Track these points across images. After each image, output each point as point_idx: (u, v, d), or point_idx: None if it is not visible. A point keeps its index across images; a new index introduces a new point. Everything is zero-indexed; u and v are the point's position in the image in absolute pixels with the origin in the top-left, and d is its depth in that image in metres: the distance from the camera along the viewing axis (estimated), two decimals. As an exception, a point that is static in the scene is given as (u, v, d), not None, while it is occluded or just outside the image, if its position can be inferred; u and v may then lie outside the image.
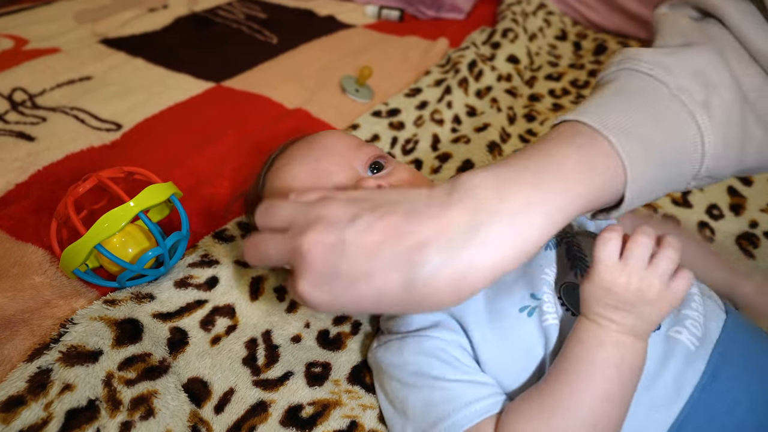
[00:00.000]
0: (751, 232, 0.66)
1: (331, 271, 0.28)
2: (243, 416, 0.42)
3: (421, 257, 0.27)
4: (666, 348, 0.36)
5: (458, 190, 0.29)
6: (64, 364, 0.40)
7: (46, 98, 0.80)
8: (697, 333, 0.37)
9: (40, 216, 0.55)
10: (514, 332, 0.38)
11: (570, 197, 0.29)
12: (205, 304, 0.50)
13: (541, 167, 0.30)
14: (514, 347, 0.38)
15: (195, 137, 0.73)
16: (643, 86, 0.34)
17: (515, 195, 0.29)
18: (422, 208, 0.29)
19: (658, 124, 0.32)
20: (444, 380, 0.38)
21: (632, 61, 0.35)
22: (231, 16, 1.15)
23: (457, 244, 0.27)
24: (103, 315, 0.45)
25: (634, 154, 0.31)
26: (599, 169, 0.31)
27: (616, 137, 0.31)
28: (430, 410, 0.37)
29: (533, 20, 1.16)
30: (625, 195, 0.32)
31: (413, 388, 0.39)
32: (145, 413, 0.39)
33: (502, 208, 0.28)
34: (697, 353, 0.36)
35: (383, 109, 0.81)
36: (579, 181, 0.30)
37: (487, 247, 0.28)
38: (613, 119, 0.32)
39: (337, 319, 0.51)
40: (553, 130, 0.34)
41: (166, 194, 0.48)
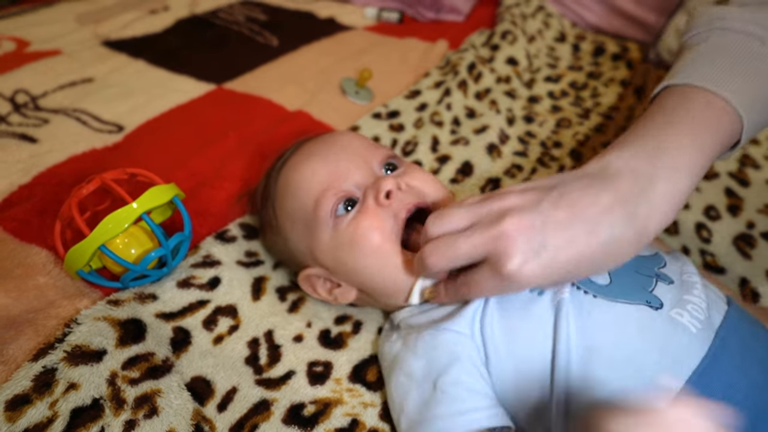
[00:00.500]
0: (748, 233, 0.66)
1: (537, 246, 0.33)
2: (246, 414, 0.42)
3: (611, 219, 0.33)
4: (668, 327, 0.37)
5: (613, 166, 0.35)
6: (69, 364, 0.41)
7: (48, 100, 0.81)
8: (699, 317, 0.38)
9: (43, 217, 0.56)
10: (526, 309, 0.39)
11: (705, 153, 0.36)
12: (208, 304, 0.50)
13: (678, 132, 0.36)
14: (525, 323, 0.39)
15: (196, 139, 0.73)
16: (738, 43, 0.39)
17: (663, 160, 0.34)
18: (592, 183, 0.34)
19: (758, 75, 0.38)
20: (449, 383, 0.38)
21: (721, 20, 0.41)
22: (231, 18, 1.15)
23: (631, 205, 0.33)
24: (106, 315, 0.45)
25: (746, 106, 0.37)
26: (723, 125, 0.37)
27: (731, 95, 0.37)
28: (425, 409, 0.38)
29: (532, 22, 1.17)
30: (740, 141, 0.38)
31: (417, 383, 0.40)
32: (148, 412, 0.40)
33: (657, 173, 0.34)
34: (698, 335, 0.37)
35: (383, 111, 0.81)
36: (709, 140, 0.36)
37: (655, 205, 0.33)
38: (723, 80, 0.37)
39: (339, 319, 0.52)
40: (670, 96, 0.38)
41: (168, 195, 0.49)
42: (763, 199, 0.72)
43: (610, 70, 1.06)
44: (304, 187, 0.47)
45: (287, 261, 0.53)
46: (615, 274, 0.40)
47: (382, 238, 0.44)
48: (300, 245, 0.49)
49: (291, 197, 0.49)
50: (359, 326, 0.51)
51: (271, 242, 0.54)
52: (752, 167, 0.79)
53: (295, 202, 0.48)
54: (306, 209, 0.47)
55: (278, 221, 0.50)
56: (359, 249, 0.44)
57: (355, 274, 0.46)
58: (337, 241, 0.45)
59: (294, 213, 0.48)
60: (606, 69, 1.06)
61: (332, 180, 0.46)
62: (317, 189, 0.46)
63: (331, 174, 0.47)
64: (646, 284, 0.40)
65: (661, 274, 0.41)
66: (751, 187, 0.75)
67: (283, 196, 0.50)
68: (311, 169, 0.48)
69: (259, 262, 0.55)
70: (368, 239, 0.44)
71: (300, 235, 0.48)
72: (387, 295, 0.46)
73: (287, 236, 0.50)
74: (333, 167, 0.47)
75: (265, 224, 0.54)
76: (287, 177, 0.50)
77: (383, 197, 0.44)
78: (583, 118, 0.90)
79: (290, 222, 0.49)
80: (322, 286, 0.49)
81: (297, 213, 0.48)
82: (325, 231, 0.46)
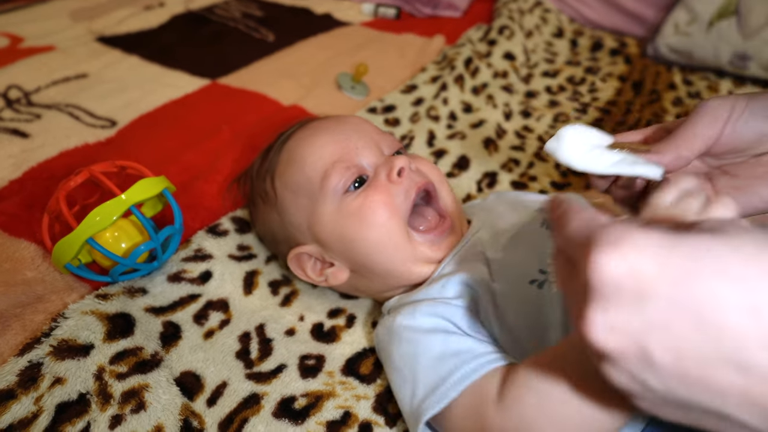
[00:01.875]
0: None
1: None
2: (235, 409, 0.42)
3: None
4: None
5: None
6: (55, 358, 0.40)
7: (41, 96, 0.80)
8: None
9: (32, 211, 0.55)
10: (524, 302, 0.39)
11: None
12: (199, 299, 0.50)
13: None
14: (523, 315, 0.39)
15: (190, 134, 0.73)
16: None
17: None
18: None
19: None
20: (456, 335, 0.39)
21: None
22: (227, 14, 1.15)
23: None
24: (94, 309, 0.44)
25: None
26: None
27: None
28: (440, 364, 0.37)
29: (529, 18, 1.16)
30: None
31: (424, 344, 0.39)
32: (136, 407, 0.39)
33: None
34: None
35: (379, 105, 0.81)
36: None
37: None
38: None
39: (332, 312, 0.51)
40: None
41: (158, 188, 0.48)
42: None
43: (608, 65, 1.05)
44: (311, 159, 0.47)
45: (278, 241, 0.51)
46: None
47: (391, 212, 0.44)
48: (297, 218, 0.48)
49: (296, 168, 0.48)
50: (353, 320, 0.50)
51: (263, 220, 0.52)
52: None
53: (300, 174, 0.47)
54: (312, 181, 0.46)
55: (277, 193, 0.49)
56: (367, 222, 0.44)
57: (355, 248, 0.45)
58: (343, 214, 0.45)
59: (297, 184, 0.47)
60: (604, 64, 1.06)
61: (343, 153, 0.46)
62: (327, 160, 0.46)
63: (343, 148, 0.46)
64: None
65: None
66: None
67: (287, 167, 0.49)
68: (321, 141, 0.47)
69: (251, 256, 0.55)
70: (377, 213, 0.44)
71: (300, 208, 0.47)
72: (383, 274, 0.46)
73: (285, 209, 0.48)
74: (344, 142, 0.47)
75: (258, 200, 0.52)
76: (293, 149, 0.49)
77: (395, 174, 0.44)
78: (580, 113, 0.89)
79: (291, 194, 0.48)
80: (312, 267, 0.48)
81: (301, 184, 0.47)
82: (330, 203, 0.45)
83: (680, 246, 0.20)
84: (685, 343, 0.20)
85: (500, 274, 0.41)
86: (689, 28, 1.02)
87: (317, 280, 0.48)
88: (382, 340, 0.43)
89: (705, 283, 0.19)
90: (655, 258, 0.20)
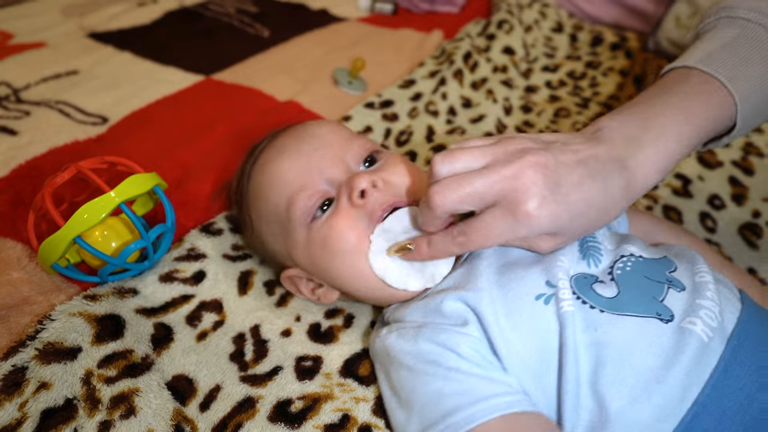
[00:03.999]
0: (754, 222, 0.64)
1: (553, 185, 0.33)
2: (229, 413, 0.40)
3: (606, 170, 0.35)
4: (679, 339, 0.34)
5: (605, 129, 0.37)
6: (40, 362, 0.38)
7: (31, 92, 0.78)
8: (711, 324, 0.35)
9: (19, 210, 0.54)
10: (531, 320, 0.36)
11: (694, 126, 0.37)
12: (192, 299, 0.48)
13: (668, 104, 0.38)
14: (531, 335, 0.36)
15: (183, 130, 0.71)
16: (742, 30, 0.41)
17: (652, 127, 0.36)
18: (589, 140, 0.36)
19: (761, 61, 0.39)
20: (459, 372, 0.35)
21: (729, 9, 0.42)
22: (221, 10, 1.13)
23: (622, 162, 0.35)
24: (83, 310, 0.43)
25: (741, 89, 0.38)
26: (714, 103, 0.38)
27: (726, 77, 0.38)
28: (439, 402, 0.35)
29: (529, 12, 1.14)
30: (736, 124, 0.39)
31: (424, 377, 0.36)
32: (125, 412, 0.38)
33: (645, 137, 0.36)
34: (710, 345, 0.34)
35: (376, 100, 0.79)
36: (699, 114, 0.37)
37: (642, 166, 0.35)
38: (720, 61, 0.39)
39: (329, 313, 0.49)
40: (668, 76, 0.41)
41: (149, 185, 0.46)
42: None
43: (608, 59, 1.04)
44: (275, 189, 0.45)
45: (268, 261, 0.51)
46: (623, 282, 0.38)
47: (357, 239, 0.41)
48: (276, 245, 0.47)
49: (263, 199, 0.46)
50: (351, 320, 0.49)
51: (250, 242, 0.52)
52: (756, 155, 0.77)
53: (268, 205, 0.46)
54: (279, 211, 0.45)
55: (253, 223, 0.48)
56: (332, 251, 0.42)
57: (330, 276, 0.44)
58: (311, 243, 0.43)
59: (267, 215, 0.46)
60: (604, 59, 1.04)
61: (305, 179, 0.44)
62: (289, 189, 0.44)
63: (303, 172, 0.44)
64: (656, 293, 0.37)
65: (672, 279, 0.38)
66: (755, 175, 0.73)
67: (256, 197, 0.47)
68: (282, 168, 0.45)
69: (246, 256, 0.53)
70: (341, 241, 0.41)
71: (275, 237, 0.46)
72: (365, 296, 0.45)
73: (263, 238, 0.48)
74: (305, 164, 0.44)
75: (243, 224, 0.52)
76: (258, 178, 0.47)
77: (357, 197, 0.41)
78: (582, 107, 0.88)
79: (265, 224, 0.47)
80: (305, 286, 0.48)
81: (270, 215, 0.46)
82: (300, 232, 0.44)
83: None
84: None
85: (502, 288, 0.38)
86: (691, 22, 1.00)
87: (312, 298, 0.48)
88: (380, 355, 0.41)
89: None
90: None
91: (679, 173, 0.72)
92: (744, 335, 0.35)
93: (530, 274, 0.38)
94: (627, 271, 0.39)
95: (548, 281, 0.38)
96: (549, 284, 0.37)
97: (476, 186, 0.34)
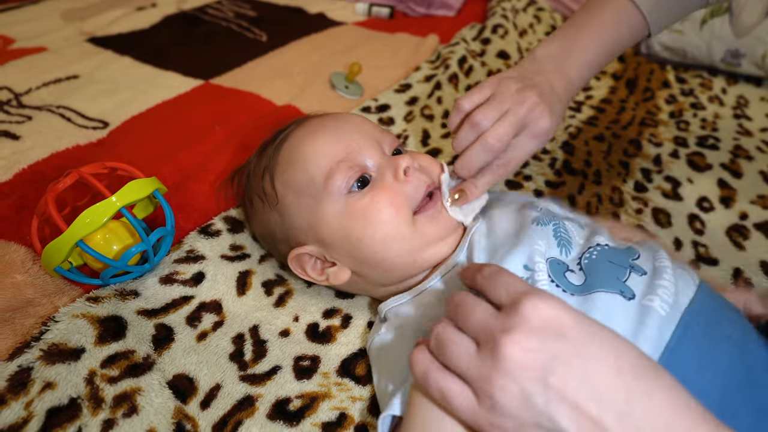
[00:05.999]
0: (741, 224, 0.66)
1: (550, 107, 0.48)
2: (229, 411, 0.41)
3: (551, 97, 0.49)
4: (641, 315, 0.37)
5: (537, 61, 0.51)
6: (45, 363, 0.40)
7: (32, 97, 0.79)
8: (668, 300, 0.37)
9: (23, 214, 0.55)
10: None
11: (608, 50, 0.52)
12: (192, 300, 0.49)
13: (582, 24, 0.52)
14: None
15: (182, 134, 0.72)
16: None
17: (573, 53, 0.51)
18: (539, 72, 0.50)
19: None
20: None
21: None
22: (220, 14, 1.14)
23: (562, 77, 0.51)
24: (85, 312, 0.44)
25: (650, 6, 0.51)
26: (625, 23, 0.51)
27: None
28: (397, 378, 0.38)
29: (523, 16, 1.16)
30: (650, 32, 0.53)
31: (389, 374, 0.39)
32: (128, 411, 0.39)
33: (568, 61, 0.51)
34: (667, 318, 0.36)
35: (373, 104, 0.80)
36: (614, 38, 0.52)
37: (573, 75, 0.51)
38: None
39: (327, 312, 0.50)
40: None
41: (149, 189, 0.47)
42: (756, 190, 0.72)
43: (602, 63, 1.05)
44: (314, 158, 0.46)
45: (277, 241, 0.51)
46: (589, 268, 0.40)
47: (398, 209, 0.44)
48: (299, 218, 0.47)
49: (298, 168, 0.47)
50: (348, 320, 0.50)
51: (262, 219, 0.51)
52: (745, 159, 0.78)
53: (303, 174, 0.46)
54: (315, 180, 0.46)
55: (278, 194, 0.48)
56: (373, 220, 0.44)
57: (361, 247, 0.45)
58: (348, 214, 0.45)
59: (299, 184, 0.47)
60: (598, 62, 1.06)
61: (347, 153, 0.46)
62: (330, 160, 0.45)
63: (346, 147, 0.46)
64: (619, 274, 0.39)
65: (635, 266, 0.41)
66: (744, 178, 0.74)
67: (287, 167, 0.48)
68: (323, 140, 0.47)
69: (245, 256, 0.54)
70: (385, 212, 0.44)
71: (302, 208, 0.47)
72: (388, 269, 0.46)
73: (287, 209, 0.48)
74: (346, 141, 0.47)
75: (256, 200, 0.51)
76: (293, 148, 0.48)
77: (402, 173, 0.45)
78: (575, 111, 0.89)
79: (293, 194, 0.47)
80: (312, 266, 0.48)
81: (303, 184, 0.46)
82: (334, 203, 0.45)
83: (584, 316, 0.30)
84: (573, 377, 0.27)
85: None
86: (682, 26, 1.02)
87: (318, 279, 0.48)
88: (372, 351, 0.43)
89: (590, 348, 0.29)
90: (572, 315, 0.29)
91: (669, 176, 0.74)
92: (697, 311, 0.38)
93: (511, 256, 0.41)
94: (593, 259, 0.41)
95: (526, 265, 0.40)
96: (526, 267, 0.40)
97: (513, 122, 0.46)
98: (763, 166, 0.77)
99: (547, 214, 0.46)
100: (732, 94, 0.97)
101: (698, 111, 0.91)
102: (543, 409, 0.27)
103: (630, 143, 0.81)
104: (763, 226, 0.65)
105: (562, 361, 0.28)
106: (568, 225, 0.45)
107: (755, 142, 0.83)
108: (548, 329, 0.29)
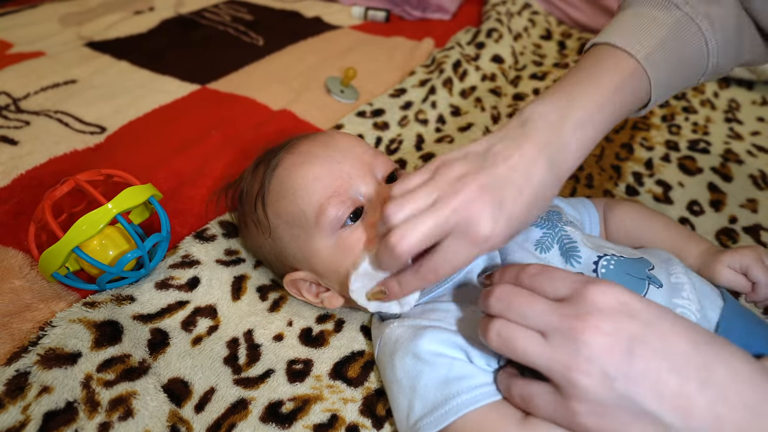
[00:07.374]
0: (731, 228, 0.67)
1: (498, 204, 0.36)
2: (223, 414, 0.42)
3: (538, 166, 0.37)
4: None
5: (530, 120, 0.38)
6: (42, 367, 0.40)
7: (30, 102, 0.80)
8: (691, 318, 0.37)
9: (20, 220, 0.55)
10: None
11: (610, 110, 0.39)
12: (187, 305, 0.50)
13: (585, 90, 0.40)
14: None
15: (179, 139, 0.73)
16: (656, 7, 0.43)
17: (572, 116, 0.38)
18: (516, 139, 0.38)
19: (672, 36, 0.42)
20: (463, 361, 0.38)
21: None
22: (217, 18, 1.15)
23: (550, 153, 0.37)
24: (82, 317, 0.45)
25: (655, 64, 0.41)
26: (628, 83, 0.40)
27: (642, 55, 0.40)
28: (444, 385, 0.37)
29: (518, 20, 1.17)
30: (651, 98, 0.42)
31: (430, 365, 0.39)
32: (123, 414, 0.39)
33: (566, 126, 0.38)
34: None
35: (368, 109, 0.81)
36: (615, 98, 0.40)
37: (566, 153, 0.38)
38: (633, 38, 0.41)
39: (321, 318, 0.51)
40: (589, 54, 0.43)
41: (144, 196, 0.48)
42: (746, 194, 0.73)
43: (595, 66, 1.06)
44: (305, 193, 0.45)
45: (271, 262, 0.52)
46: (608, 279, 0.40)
47: None
48: (292, 248, 0.47)
49: (288, 200, 0.46)
50: (341, 324, 0.51)
51: (255, 243, 0.53)
52: (735, 162, 0.79)
53: (293, 206, 0.46)
54: (306, 214, 0.45)
55: (270, 222, 0.48)
56: None
57: None
58: (340, 248, 0.44)
59: (290, 215, 0.46)
60: (592, 66, 1.07)
61: (337, 186, 0.44)
62: (321, 195, 0.44)
63: (336, 179, 0.45)
64: (639, 288, 0.39)
65: (651, 277, 0.41)
66: (734, 182, 0.75)
67: (279, 198, 0.47)
68: (313, 173, 0.45)
69: (239, 260, 0.55)
70: None
71: (294, 238, 0.47)
72: None
73: (279, 238, 0.48)
74: (337, 173, 0.45)
75: (250, 224, 0.52)
76: (284, 179, 0.47)
77: None
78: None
79: (285, 224, 0.47)
80: (308, 290, 0.49)
81: (295, 216, 0.46)
82: (327, 238, 0.45)
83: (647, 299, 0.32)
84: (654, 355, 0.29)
85: None
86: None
87: (314, 302, 0.49)
88: (387, 343, 0.43)
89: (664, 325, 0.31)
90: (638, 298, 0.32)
91: (660, 180, 0.74)
92: (728, 329, 0.38)
93: None
94: (611, 269, 0.41)
95: None
96: None
97: (432, 224, 0.35)
98: (753, 170, 0.78)
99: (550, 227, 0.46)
100: (724, 98, 0.98)
101: (690, 115, 0.92)
102: (623, 392, 0.29)
103: (622, 147, 0.81)
104: (752, 230, 0.66)
105: (640, 340, 0.29)
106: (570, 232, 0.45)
107: (746, 146, 0.84)
108: (621, 312, 0.30)
